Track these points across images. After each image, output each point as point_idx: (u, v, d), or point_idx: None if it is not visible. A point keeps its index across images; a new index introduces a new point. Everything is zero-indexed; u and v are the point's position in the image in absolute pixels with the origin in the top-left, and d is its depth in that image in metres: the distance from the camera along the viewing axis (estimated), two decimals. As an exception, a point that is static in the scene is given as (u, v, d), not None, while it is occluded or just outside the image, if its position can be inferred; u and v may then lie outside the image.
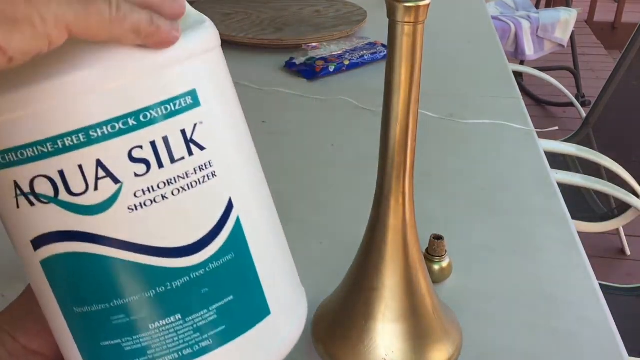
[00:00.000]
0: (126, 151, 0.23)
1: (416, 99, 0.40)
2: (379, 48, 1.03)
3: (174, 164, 0.23)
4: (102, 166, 0.22)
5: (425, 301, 0.45)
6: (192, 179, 0.24)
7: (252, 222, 0.26)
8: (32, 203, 0.23)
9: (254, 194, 0.27)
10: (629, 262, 1.72)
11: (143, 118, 0.23)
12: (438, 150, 0.76)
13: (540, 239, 0.60)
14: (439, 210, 0.65)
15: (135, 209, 0.23)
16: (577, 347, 0.48)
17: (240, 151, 0.26)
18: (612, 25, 3.41)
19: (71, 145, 0.22)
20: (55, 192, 0.23)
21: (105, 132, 0.22)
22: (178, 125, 0.23)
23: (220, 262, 0.25)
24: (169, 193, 0.23)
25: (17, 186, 0.23)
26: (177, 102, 0.23)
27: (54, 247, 0.24)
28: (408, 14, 0.37)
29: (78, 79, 0.22)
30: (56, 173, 0.22)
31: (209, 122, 0.24)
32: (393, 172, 0.42)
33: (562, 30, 2.29)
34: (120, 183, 0.23)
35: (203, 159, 0.24)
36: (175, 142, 0.23)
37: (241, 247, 0.25)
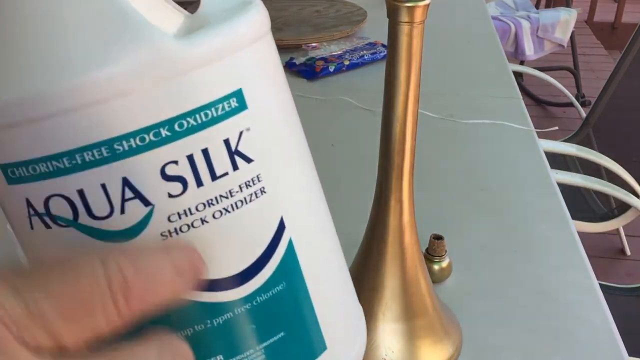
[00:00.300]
0: (158, 167, 0.19)
1: (416, 99, 0.40)
2: (379, 48, 1.03)
3: (215, 181, 0.20)
4: (130, 185, 0.19)
5: (425, 301, 0.45)
6: (237, 198, 0.20)
7: (306, 245, 0.22)
8: (47, 225, 0.20)
9: (309, 210, 0.23)
10: (629, 262, 1.72)
11: (178, 127, 0.19)
12: (438, 150, 0.76)
13: (540, 239, 0.60)
14: (439, 210, 0.65)
15: (169, 235, 0.19)
16: (577, 348, 0.48)
17: (295, 160, 0.22)
18: (612, 25, 3.41)
19: (92, 160, 0.18)
20: (75, 215, 0.19)
21: (133, 146, 0.18)
22: (221, 135, 0.19)
23: (270, 294, 0.21)
24: (210, 216, 0.20)
25: (29, 205, 0.20)
26: (219, 106, 0.19)
27: None
28: (408, 14, 0.37)
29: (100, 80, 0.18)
30: (75, 193, 0.19)
31: (258, 129, 0.20)
32: (393, 172, 0.42)
33: (562, 30, 2.28)
34: (152, 205, 0.19)
35: (250, 173, 0.20)
36: (217, 154, 0.19)
37: (294, 276, 0.22)
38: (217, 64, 0.19)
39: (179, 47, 0.18)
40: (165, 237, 0.19)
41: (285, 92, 0.23)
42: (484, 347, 0.48)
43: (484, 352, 0.48)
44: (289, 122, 0.23)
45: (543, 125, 1.03)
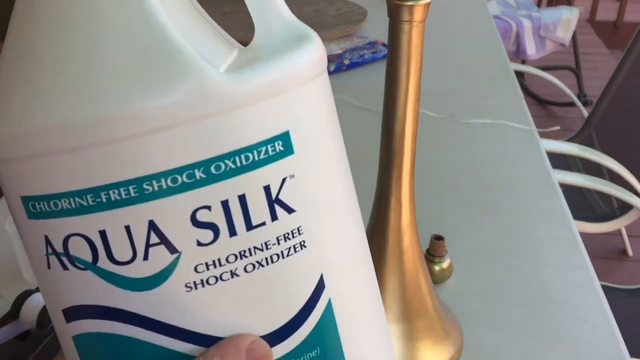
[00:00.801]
0: (189, 212, 0.17)
1: (417, 99, 0.40)
2: (380, 47, 1.02)
3: (250, 231, 0.18)
4: (156, 230, 0.17)
5: (426, 302, 0.45)
6: (274, 251, 0.18)
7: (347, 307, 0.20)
8: (65, 267, 0.18)
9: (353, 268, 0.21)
10: (632, 262, 1.71)
11: (215, 170, 0.17)
12: (438, 150, 0.76)
13: (541, 240, 0.60)
14: (440, 210, 0.64)
15: (194, 287, 0.18)
16: (578, 349, 0.48)
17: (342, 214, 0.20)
18: (614, 24, 3.40)
19: (118, 200, 0.17)
20: (94, 258, 0.18)
21: (163, 187, 0.17)
22: (261, 181, 0.18)
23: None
24: (241, 269, 0.18)
25: (48, 243, 0.18)
26: (262, 149, 0.18)
27: (88, 323, 0.19)
28: (409, 13, 0.36)
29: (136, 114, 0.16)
30: (96, 233, 0.18)
31: (304, 176, 0.18)
32: (393, 172, 0.41)
33: (564, 30, 2.28)
34: (178, 253, 0.18)
35: (291, 225, 0.18)
36: (255, 202, 0.18)
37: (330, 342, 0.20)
38: (265, 103, 0.18)
39: (225, 82, 0.17)
40: (190, 289, 0.18)
41: (337, 137, 0.21)
42: (485, 348, 0.48)
43: (485, 352, 0.47)
44: (338, 170, 0.20)
45: (545, 125, 1.03)
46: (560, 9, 2.40)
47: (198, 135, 0.17)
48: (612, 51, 3.10)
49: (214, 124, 0.17)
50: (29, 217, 0.18)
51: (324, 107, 0.20)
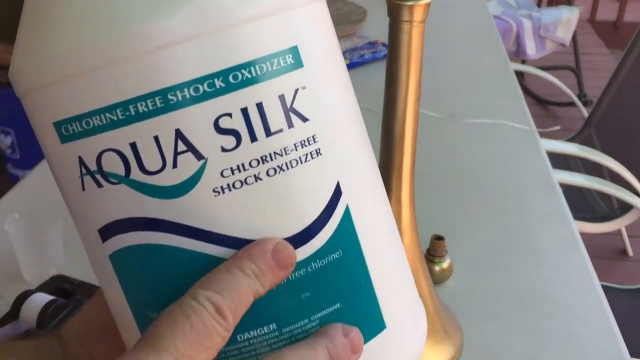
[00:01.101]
0: (212, 120, 0.19)
1: (417, 99, 0.39)
2: (380, 47, 1.02)
3: (269, 137, 0.19)
4: (183, 138, 0.19)
5: (426, 302, 0.45)
6: (292, 156, 0.20)
7: (364, 215, 0.21)
8: (99, 184, 0.20)
9: (366, 178, 0.22)
10: (632, 262, 1.71)
11: (233, 79, 0.19)
12: (439, 150, 0.76)
13: (541, 240, 0.60)
14: (440, 210, 0.64)
15: (221, 191, 0.19)
16: (579, 349, 0.48)
17: (351, 125, 0.22)
18: (614, 24, 3.40)
19: (145, 111, 0.18)
20: (127, 170, 0.19)
21: (186, 96, 0.18)
22: (276, 90, 0.19)
23: (325, 261, 0.20)
24: (264, 173, 0.19)
25: (82, 163, 0.20)
26: (274, 60, 0.19)
27: (125, 237, 0.20)
28: (409, 13, 0.36)
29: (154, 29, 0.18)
30: (127, 146, 0.19)
31: (314, 88, 0.20)
32: (393, 172, 0.41)
33: (564, 29, 2.28)
34: (204, 159, 0.19)
35: (306, 132, 0.20)
36: (272, 110, 0.19)
37: (351, 244, 0.21)
38: (275, 19, 0.19)
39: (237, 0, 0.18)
40: (217, 193, 0.19)
41: (339, 55, 0.22)
42: (485, 348, 0.48)
43: (485, 353, 0.47)
44: (344, 84, 0.22)
45: (545, 125, 1.03)
46: (560, 9, 2.40)
47: (215, 48, 0.18)
48: (612, 51, 3.10)
49: (229, 37, 0.18)
50: (62, 141, 0.20)
51: (328, 26, 0.22)
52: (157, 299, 0.20)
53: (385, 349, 0.22)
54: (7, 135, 1.70)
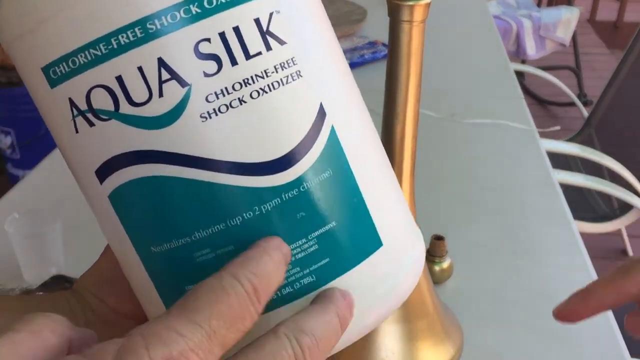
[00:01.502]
0: (191, 45, 0.19)
1: (417, 99, 0.39)
2: (380, 47, 1.02)
3: (249, 60, 0.20)
4: (165, 66, 0.19)
5: (426, 302, 0.45)
6: (273, 78, 0.20)
7: (350, 135, 0.22)
8: (91, 123, 0.20)
9: (349, 101, 0.23)
10: (631, 262, 1.71)
11: (208, 4, 0.19)
12: (439, 150, 0.76)
13: (541, 240, 0.60)
14: (440, 210, 0.64)
15: (208, 116, 0.19)
16: (579, 349, 0.48)
17: (328, 50, 0.22)
18: (615, 24, 3.40)
19: (127, 43, 0.19)
20: (116, 105, 0.19)
21: (164, 24, 0.19)
22: (251, 14, 0.20)
23: (317, 181, 0.21)
24: (247, 96, 0.20)
25: (72, 105, 0.20)
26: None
27: (120, 174, 0.20)
28: (409, 12, 0.36)
29: None
30: (114, 80, 0.19)
31: (288, 12, 0.21)
32: (393, 172, 0.41)
33: (564, 29, 2.28)
34: (189, 85, 0.19)
35: (284, 55, 0.20)
36: (248, 33, 0.20)
37: (339, 163, 0.21)
38: None
39: None
40: (204, 118, 0.20)
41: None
42: (485, 348, 0.48)
43: (485, 353, 0.47)
44: (319, 13, 0.23)
45: (545, 125, 1.03)
46: (560, 9, 2.40)
47: None
48: (612, 51, 3.10)
49: None
50: (52, 85, 0.20)
51: None
52: (158, 232, 0.21)
53: (384, 265, 0.22)
54: (7, 135, 1.70)
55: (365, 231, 0.22)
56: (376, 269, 0.22)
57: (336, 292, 0.21)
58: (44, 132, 1.62)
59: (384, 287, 0.22)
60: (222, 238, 0.20)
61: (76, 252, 0.37)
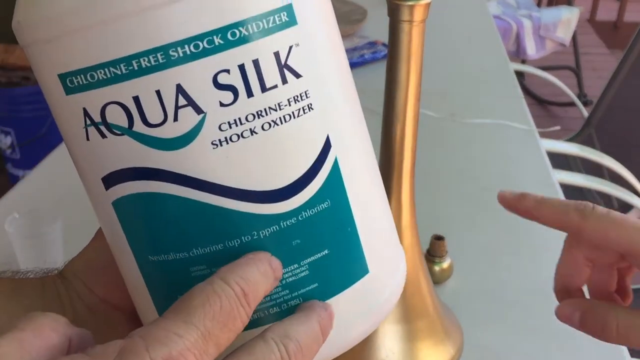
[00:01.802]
0: (211, 75, 0.20)
1: (417, 99, 0.39)
2: (380, 47, 1.02)
3: (265, 93, 0.20)
4: (183, 92, 0.20)
5: (426, 302, 0.45)
6: (286, 111, 0.21)
7: (351, 167, 0.23)
8: (103, 135, 0.20)
9: (354, 134, 0.23)
10: (631, 262, 1.71)
11: (231, 36, 0.19)
12: (439, 150, 0.76)
13: (541, 240, 0.60)
14: (440, 210, 0.64)
15: (219, 144, 0.20)
16: (579, 349, 0.48)
17: (341, 83, 0.23)
18: (615, 24, 3.40)
19: (148, 67, 0.19)
20: (130, 123, 0.20)
21: (187, 52, 0.19)
22: (271, 47, 0.20)
23: (315, 211, 0.22)
24: (259, 127, 0.20)
25: (86, 115, 0.20)
26: (270, 18, 0.20)
27: (127, 186, 0.21)
28: (409, 12, 0.36)
29: None
30: (131, 99, 0.20)
31: (307, 45, 0.21)
32: (393, 172, 0.41)
33: (564, 29, 2.28)
34: (204, 113, 0.20)
35: (299, 88, 0.21)
36: (267, 66, 0.20)
37: (338, 195, 0.22)
38: None
39: None
40: (215, 146, 0.20)
41: (332, 16, 0.23)
42: (485, 348, 0.48)
43: (485, 353, 0.47)
44: (336, 44, 0.23)
45: (545, 125, 1.03)
46: (560, 9, 2.40)
47: (214, 6, 0.19)
48: (612, 51, 3.10)
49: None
50: (67, 93, 0.21)
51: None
52: (157, 244, 0.21)
53: (369, 291, 0.24)
54: (7, 135, 1.70)
55: (355, 259, 0.23)
56: (361, 294, 0.23)
57: (317, 303, 0.22)
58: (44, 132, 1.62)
59: (367, 308, 0.24)
60: (219, 257, 0.21)
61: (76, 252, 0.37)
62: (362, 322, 0.23)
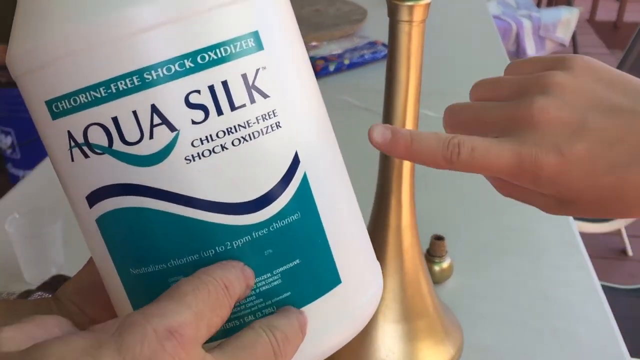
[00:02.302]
0: (183, 96, 0.21)
1: (417, 99, 0.40)
2: (380, 47, 1.02)
3: (234, 111, 0.22)
4: (158, 112, 0.21)
5: (426, 302, 0.45)
6: (255, 128, 0.22)
7: (320, 181, 0.24)
8: (86, 155, 0.22)
9: (323, 150, 0.25)
10: (632, 262, 1.71)
11: (201, 60, 0.21)
12: (439, 150, 0.76)
13: (541, 240, 0.60)
14: (440, 210, 0.64)
15: (192, 159, 0.22)
16: (578, 348, 0.48)
17: (308, 102, 0.24)
18: (614, 24, 3.40)
19: (125, 89, 0.21)
20: (110, 142, 0.22)
21: (160, 75, 0.21)
22: (239, 70, 0.22)
23: (285, 222, 0.23)
24: (229, 143, 0.22)
25: (70, 137, 0.22)
26: (237, 44, 0.22)
27: (108, 202, 0.22)
28: (409, 13, 0.36)
29: (131, 15, 0.20)
30: (110, 120, 0.21)
31: (273, 68, 0.23)
32: (393, 172, 0.41)
33: (564, 30, 2.28)
34: (177, 131, 0.21)
35: (266, 107, 0.22)
36: (235, 87, 0.22)
37: (308, 207, 0.23)
38: (237, 6, 0.22)
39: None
40: (189, 161, 0.22)
41: (297, 39, 0.25)
42: (485, 348, 0.48)
43: (485, 353, 0.47)
44: (302, 67, 0.25)
45: (544, 125, 1.03)
46: (560, 9, 2.40)
47: (184, 32, 0.21)
48: (612, 51, 3.10)
49: (197, 23, 0.21)
50: (53, 118, 0.22)
51: (286, 13, 0.24)
52: (137, 257, 0.23)
53: (341, 302, 0.25)
54: (7, 135, 1.70)
55: (326, 270, 0.24)
56: (333, 303, 0.24)
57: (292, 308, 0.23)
58: (44, 132, 1.62)
59: (339, 320, 0.25)
60: (195, 267, 0.22)
61: (76, 252, 0.37)
62: (336, 332, 0.24)
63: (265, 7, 0.23)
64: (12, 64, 0.23)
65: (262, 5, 0.23)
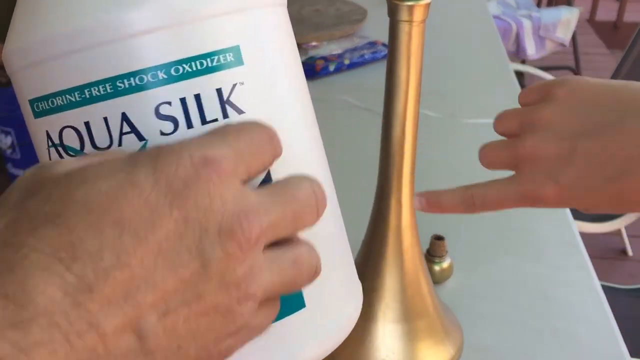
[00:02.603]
0: (153, 107, 0.21)
1: (417, 99, 0.40)
2: (380, 47, 1.02)
3: (205, 125, 0.21)
4: (127, 120, 0.21)
5: (426, 302, 0.45)
6: None
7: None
8: (61, 155, 0.23)
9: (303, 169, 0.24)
10: (632, 262, 1.71)
11: (175, 72, 0.21)
12: (438, 150, 0.76)
13: (541, 239, 0.60)
14: (440, 210, 0.64)
15: None
16: (578, 348, 0.48)
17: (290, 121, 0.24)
18: (614, 24, 3.40)
19: (97, 95, 0.21)
20: (81, 145, 0.22)
21: (132, 84, 0.21)
22: (214, 84, 0.21)
23: None
24: None
25: (48, 137, 0.23)
26: (215, 57, 0.21)
27: None
28: (409, 12, 0.36)
29: (107, 24, 0.20)
30: (82, 124, 0.22)
31: (252, 84, 0.22)
32: (393, 172, 0.41)
33: (564, 30, 2.28)
34: (145, 140, 0.21)
35: None
36: (208, 101, 0.21)
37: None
38: (218, 20, 0.21)
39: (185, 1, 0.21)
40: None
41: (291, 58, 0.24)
42: (485, 348, 0.48)
43: (485, 353, 0.47)
44: (289, 85, 0.24)
45: (545, 125, 1.03)
46: (560, 9, 2.40)
47: (159, 43, 0.21)
48: (612, 51, 3.10)
49: (173, 34, 0.21)
50: (35, 116, 0.23)
51: (280, 33, 0.24)
52: None
53: (303, 326, 0.24)
54: (7, 135, 1.70)
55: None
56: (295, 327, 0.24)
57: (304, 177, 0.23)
58: (44, 132, 1.62)
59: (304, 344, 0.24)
60: None
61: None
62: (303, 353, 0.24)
63: (251, 22, 0.22)
64: (7, 60, 0.23)
65: (250, 20, 0.22)
